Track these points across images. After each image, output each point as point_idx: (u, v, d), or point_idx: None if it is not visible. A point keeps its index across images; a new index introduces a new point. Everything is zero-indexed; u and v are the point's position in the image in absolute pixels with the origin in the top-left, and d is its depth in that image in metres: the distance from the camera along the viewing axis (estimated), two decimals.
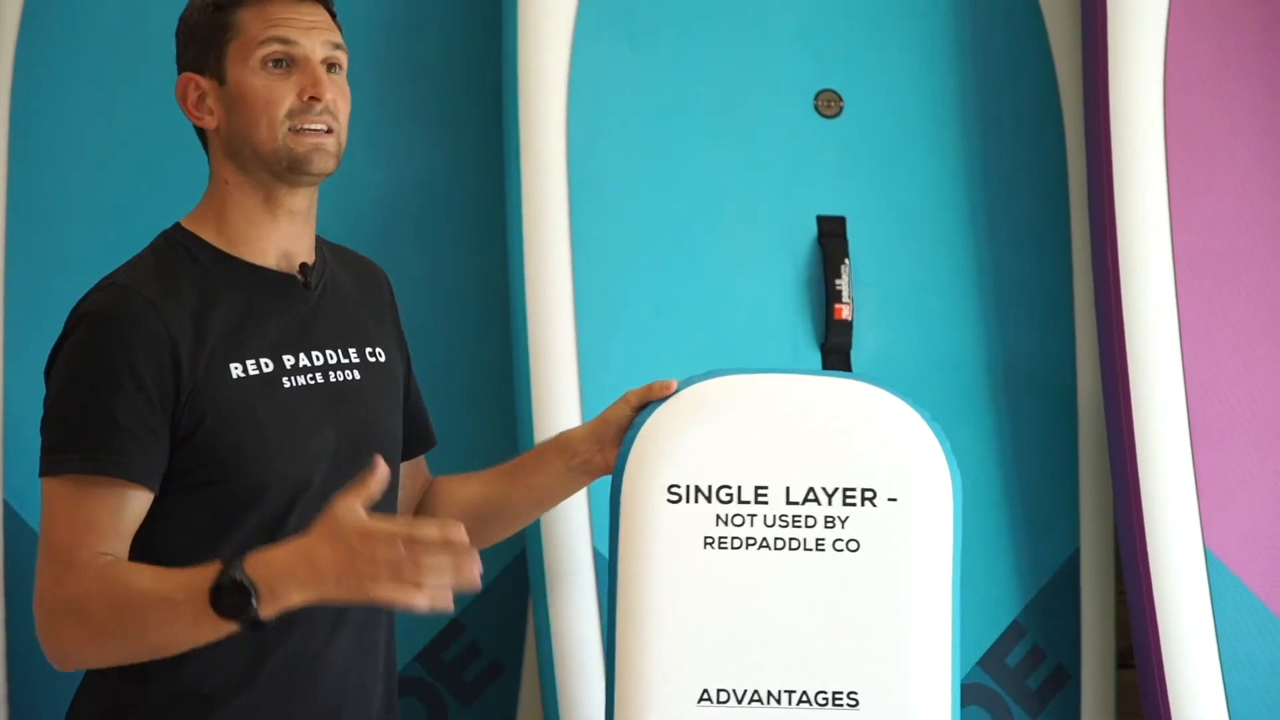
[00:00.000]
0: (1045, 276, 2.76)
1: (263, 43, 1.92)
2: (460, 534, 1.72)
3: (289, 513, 1.90)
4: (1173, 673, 2.54)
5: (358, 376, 1.98)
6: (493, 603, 2.71)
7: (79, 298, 1.93)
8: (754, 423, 2.05)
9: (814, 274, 2.66)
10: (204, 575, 1.75)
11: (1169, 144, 2.60)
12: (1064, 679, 2.72)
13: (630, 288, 2.59)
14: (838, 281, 2.64)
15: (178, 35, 1.99)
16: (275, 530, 1.89)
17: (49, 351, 1.94)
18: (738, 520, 2.03)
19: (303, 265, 1.99)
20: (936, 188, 2.73)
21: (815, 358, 2.65)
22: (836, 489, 2.04)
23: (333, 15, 1.99)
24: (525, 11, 2.58)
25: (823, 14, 2.71)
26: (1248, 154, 2.64)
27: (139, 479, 1.84)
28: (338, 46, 1.97)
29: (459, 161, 2.74)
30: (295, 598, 1.74)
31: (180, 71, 1.97)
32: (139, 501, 1.85)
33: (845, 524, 2.03)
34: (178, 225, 1.97)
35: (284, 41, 1.93)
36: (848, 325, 2.65)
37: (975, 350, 2.73)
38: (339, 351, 1.98)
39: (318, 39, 1.95)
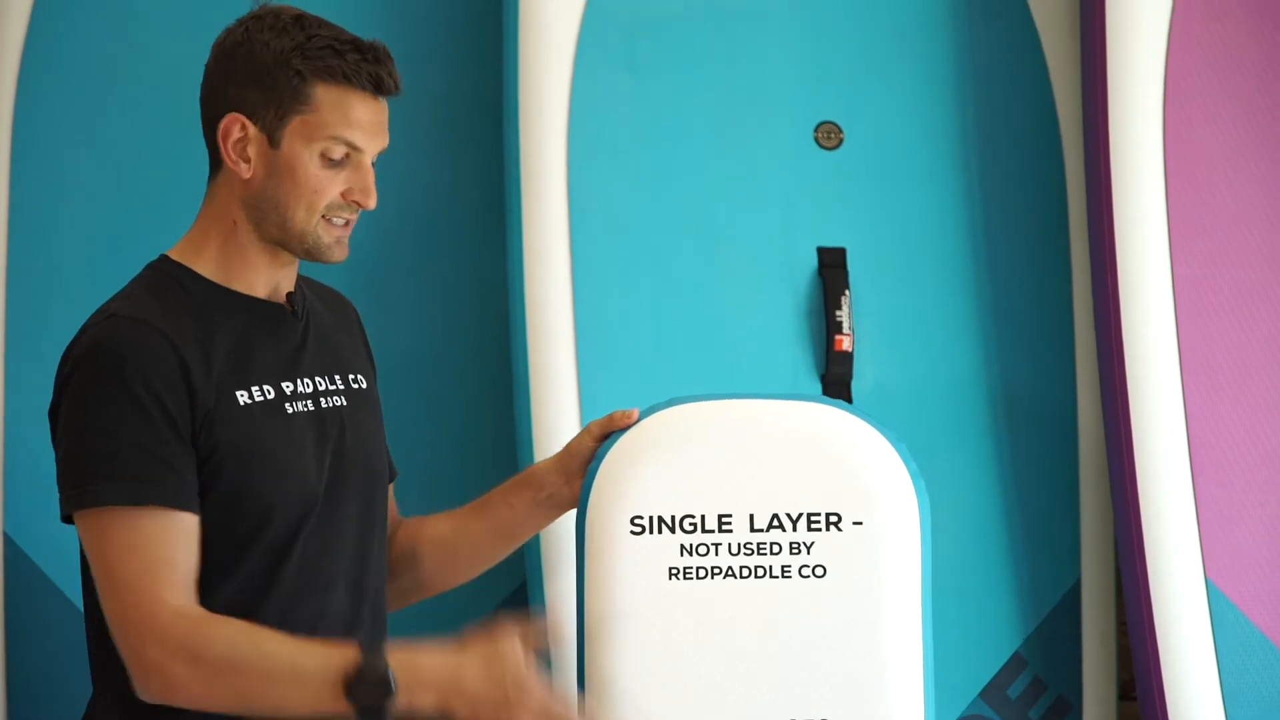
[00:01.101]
0: (1046, 306, 2.76)
1: (332, 139, 1.89)
2: None
3: (295, 539, 1.89)
4: (1174, 705, 2.53)
5: (345, 403, 1.99)
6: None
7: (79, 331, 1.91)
8: (716, 450, 2.03)
9: (814, 305, 2.66)
10: (341, 657, 1.79)
11: (1169, 173, 2.60)
12: (1065, 710, 2.71)
13: (631, 319, 2.59)
14: (838, 313, 2.64)
15: (234, 58, 1.90)
16: (282, 555, 1.89)
17: (49, 386, 1.91)
18: (702, 550, 2.00)
19: (289, 295, 1.99)
20: (937, 218, 2.73)
21: (816, 389, 2.64)
22: (801, 514, 2.02)
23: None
24: (526, 40, 2.58)
25: (823, 45, 2.71)
26: (1248, 183, 2.64)
27: (188, 505, 1.84)
28: (383, 150, 1.96)
29: (460, 191, 2.74)
30: (423, 703, 1.80)
31: (225, 101, 1.90)
32: (194, 525, 1.84)
33: (811, 550, 2.01)
34: (164, 257, 1.96)
35: (353, 147, 1.91)
36: (848, 356, 2.64)
37: (976, 381, 2.72)
38: (326, 379, 1.98)
39: (377, 143, 1.94)
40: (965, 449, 2.71)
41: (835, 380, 2.64)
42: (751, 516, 2.01)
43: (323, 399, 1.96)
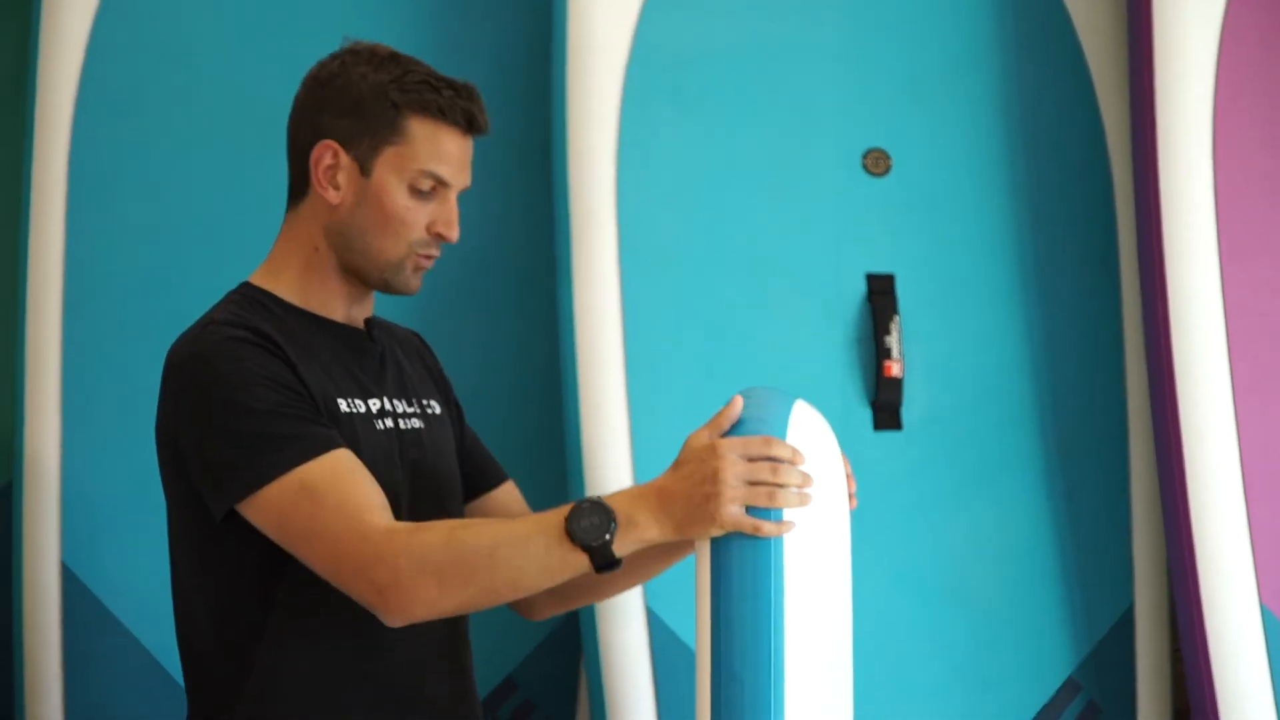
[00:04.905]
0: (1095, 332, 2.76)
1: (422, 172, 1.93)
2: (802, 455, 1.74)
3: None
4: None
5: (420, 425, 2.01)
6: (545, 661, 2.72)
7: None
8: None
9: (864, 332, 2.67)
10: (553, 512, 1.77)
11: (1219, 199, 2.60)
12: None
13: (681, 348, 2.60)
14: (887, 339, 2.65)
15: (328, 88, 1.94)
16: None
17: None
18: None
19: (366, 321, 2.03)
20: (985, 244, 2.73)
21: (866, 415, 2.65)
22: None
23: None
24: (574, 79, 2.60)
25: (870, 72, 2.72)
26: None
27: (342, 444, 1.85)
28: (466, 188, 1.99)
29: (509, 225, 2.76)
30: (649, 530, 1.74)
31: (318, 129, 1.94)
32: (356, 457, 1.86)
33: None
34: (247, 283, 1.98)
35: (440, 182, 1.94)
36: (898, 382, 2.65)
37: (1026, 406, 2.72)
38: (403, 401, 2.01)
39: (463, 180, 1.97)
40: (1016, 474, 2.70)
41: (885, 406, 2.65)
42: None
43: (401, 420, 1.98)
